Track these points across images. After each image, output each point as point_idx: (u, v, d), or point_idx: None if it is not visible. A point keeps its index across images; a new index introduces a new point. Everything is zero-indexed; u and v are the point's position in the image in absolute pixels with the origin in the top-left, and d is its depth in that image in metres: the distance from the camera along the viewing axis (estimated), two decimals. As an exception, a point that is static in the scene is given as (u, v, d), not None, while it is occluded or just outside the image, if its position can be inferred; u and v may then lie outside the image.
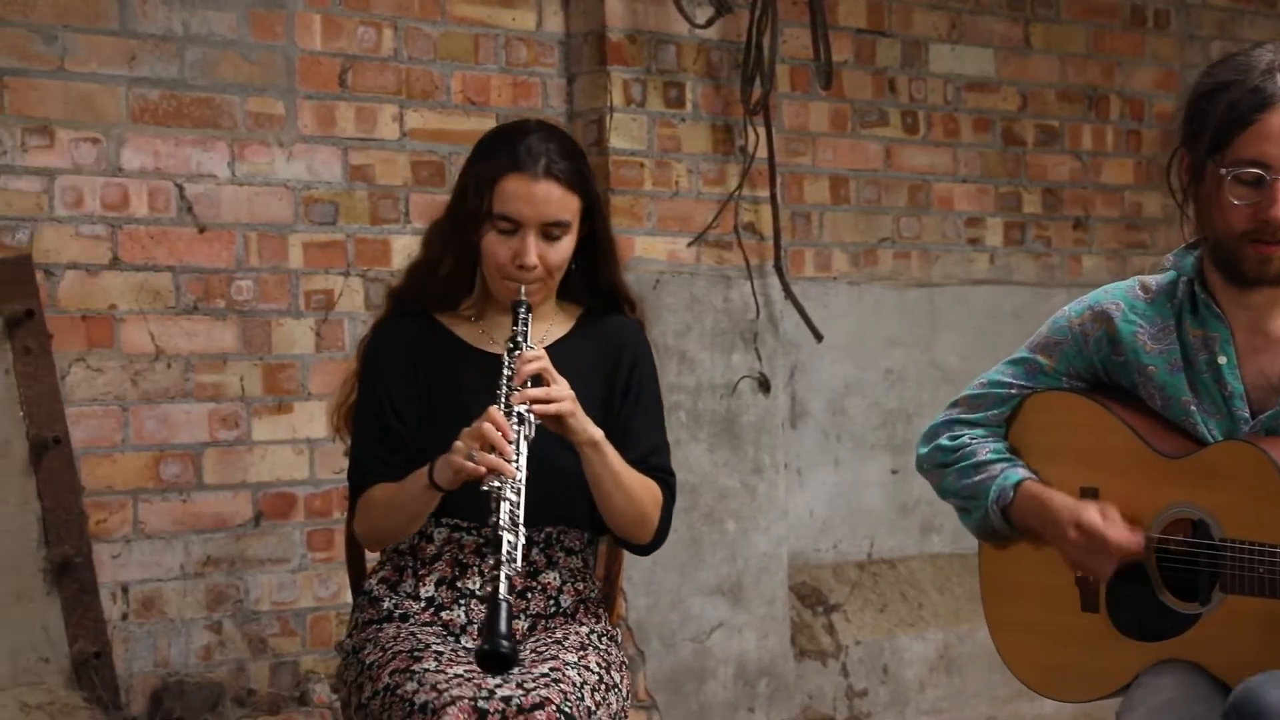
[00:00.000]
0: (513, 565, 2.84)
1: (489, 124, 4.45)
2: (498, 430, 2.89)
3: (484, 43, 4.82)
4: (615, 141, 4.87)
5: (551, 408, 2.97)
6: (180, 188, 4.33)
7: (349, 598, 3.37)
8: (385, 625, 3.12)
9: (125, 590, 4.22)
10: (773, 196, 5.13)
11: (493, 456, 2.88)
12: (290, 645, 4.45)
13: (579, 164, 3.15)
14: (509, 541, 2.85)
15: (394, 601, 3.14)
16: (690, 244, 5.00)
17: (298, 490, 4.47)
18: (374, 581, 3.20)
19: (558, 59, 4.94)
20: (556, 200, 3.09)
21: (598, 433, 3.03)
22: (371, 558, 3.37)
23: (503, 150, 3.12)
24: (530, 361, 2.98)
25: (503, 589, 2.80)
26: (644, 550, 3.20)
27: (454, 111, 4.70)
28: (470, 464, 2.89)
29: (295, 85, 4.50)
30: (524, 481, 2.90)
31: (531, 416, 2.96)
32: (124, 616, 4.21)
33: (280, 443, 4.46)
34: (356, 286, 4.55)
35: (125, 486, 4.23)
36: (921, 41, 5.68)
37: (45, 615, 4.04)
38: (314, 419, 4.44)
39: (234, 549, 4.38)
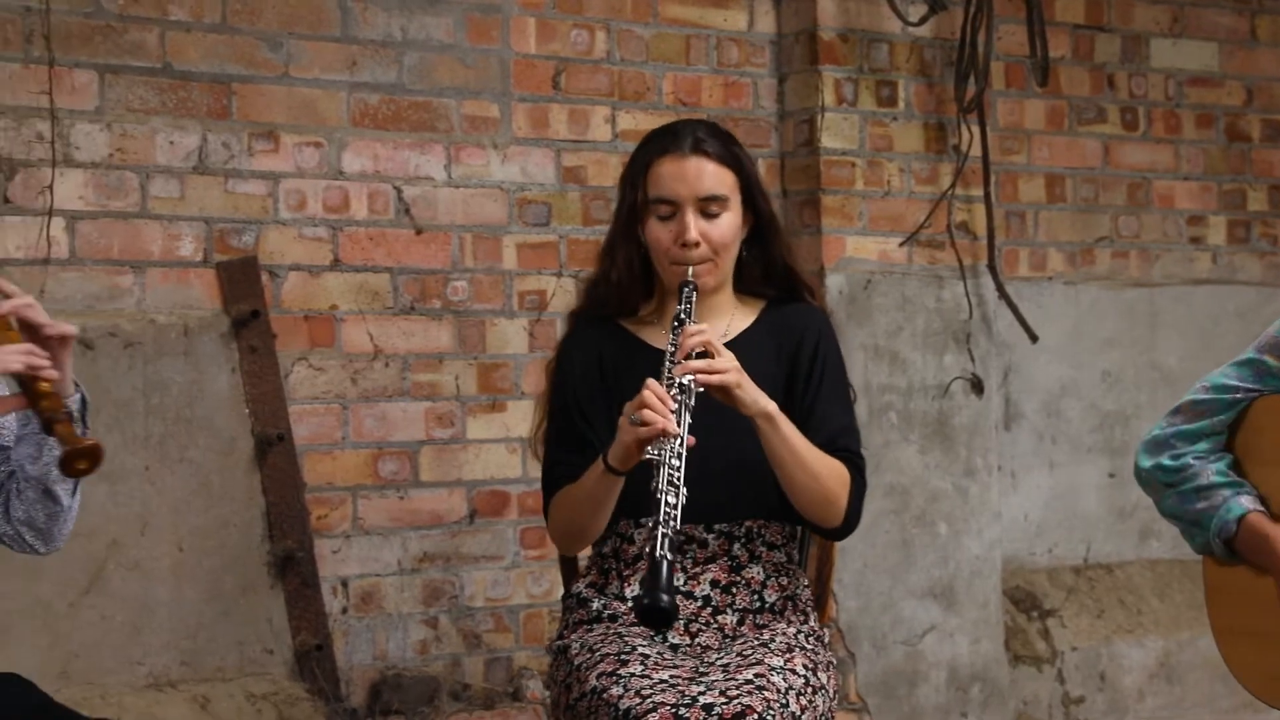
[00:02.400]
0: (670, 525, 2.83)
1: (700, 125, 4.46)
2: (654, 395, 2.89)
3: (695, 43, 4.83)
4: (826, 141, 4.85)
5: (715, 378, 2.95)
6: (398, 190, 4.41)
7: (560, 596, 3.40)
8: (594, 626, 3.14)
9: (345, 584, 4.31)
10: (986, 195, 5.06)
11: (648, 413, 2.87)
12: (504, 641, 4.51)
13: (729, 143, 3.16)
14: (668, 503, 2.84)
15: (602, 602, 3.17)
16: (902, 244, 4.96)
17: (511, 488, 4.53)
18: (582, 584, 3.23)
19: (769, 59, 4.93)
20: (710, 174, 3.10)
21: (770, 405, 3.00)
22: (582, 556, 3.40)
23: (652, 142, 3.16)
24: (692, 335, 2.98)
25: (660, 547, 2.79)
26: (835, 535, 3.16)
27: (665, 112, 4.72)
28: (630, 427, 2.89)
29: (510, 88, 4.56)
30: (685, 446, 2.89)
31: (694, 385, 2.94)
32: (344, 610, 4.30)
33: (494, 441, 4.52)
34: (569, 287, 4.60)
35: (345, 483, 4.32)
36: (1142, 36, 5.56)
37: (269, 608, 4.14)
38: (527, 418, 4.48)
39: (449, 545, 4.45)
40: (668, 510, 2.83)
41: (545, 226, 4.62)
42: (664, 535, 2.81)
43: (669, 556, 2.80)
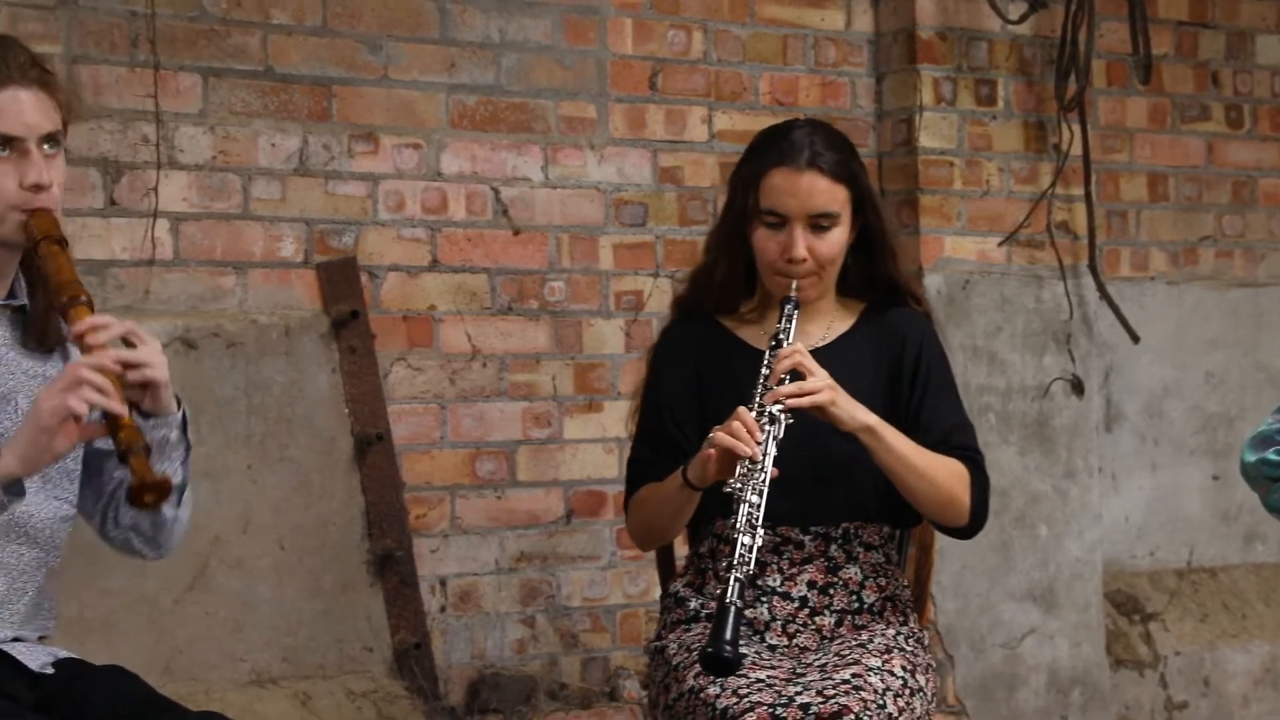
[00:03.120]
0: (745, 569, 2.81)
1: (798, 124, 4.45)
2: (744, 426, 2.87)
3: (792, 43, 4.82)
4: (924, 141, 4.82)
5: (806, 400, 2.94)
6: (496, 191, 4.43)
7: (657, 595, 3.40)
8: (691, 625, 3.14)
9: (443, 583, 4.34)
10: (1087, 195, 5.01)
11: (729, 438, 2.86)
12: (601, 641, 4.52)
13: (846, 156, 3.12)
14: (743, 544, 2.82)
15: (700, 602, 3.16)
16: (1001, 244, 4.92)
17: (607, 488, 4.54)
18: (680, 584, 3.23)
19: (866, 58, 4.91)
20: (822, 191, 3.07)
21: (869, 418, 2.98)
22: (680, 556, 3.40)
23: (768, 147, 3.13)
24: (785, 358, 2.96)
25: (731, 593, 2.78)
26: (965, 533, 3.13)
27: (762, 113, 4.71)
28: (710, 450, 2.88)
29: (607, 89, 4.57)
30: (767, 483, 2.87)
31: (783, 416, 2.93)
32: (442, 609, 4.32)
33: (591, 441, 4.53)
34: (665, 287, 4.60)
35: (443, 482, 4.35)
36: (1247, 33, 5.48)
37: (369, 606, 4.18)
38: (623, 418, 4.47)
39: (546, 545, 4.47)
40: (743, 554, 2.82)
41: (641, 227, 4.62)
42: (736, 581, 2.79)
43: (739, 604, 2.78)
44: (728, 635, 2.75)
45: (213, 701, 3.83)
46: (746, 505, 2.84)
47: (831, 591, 3.12)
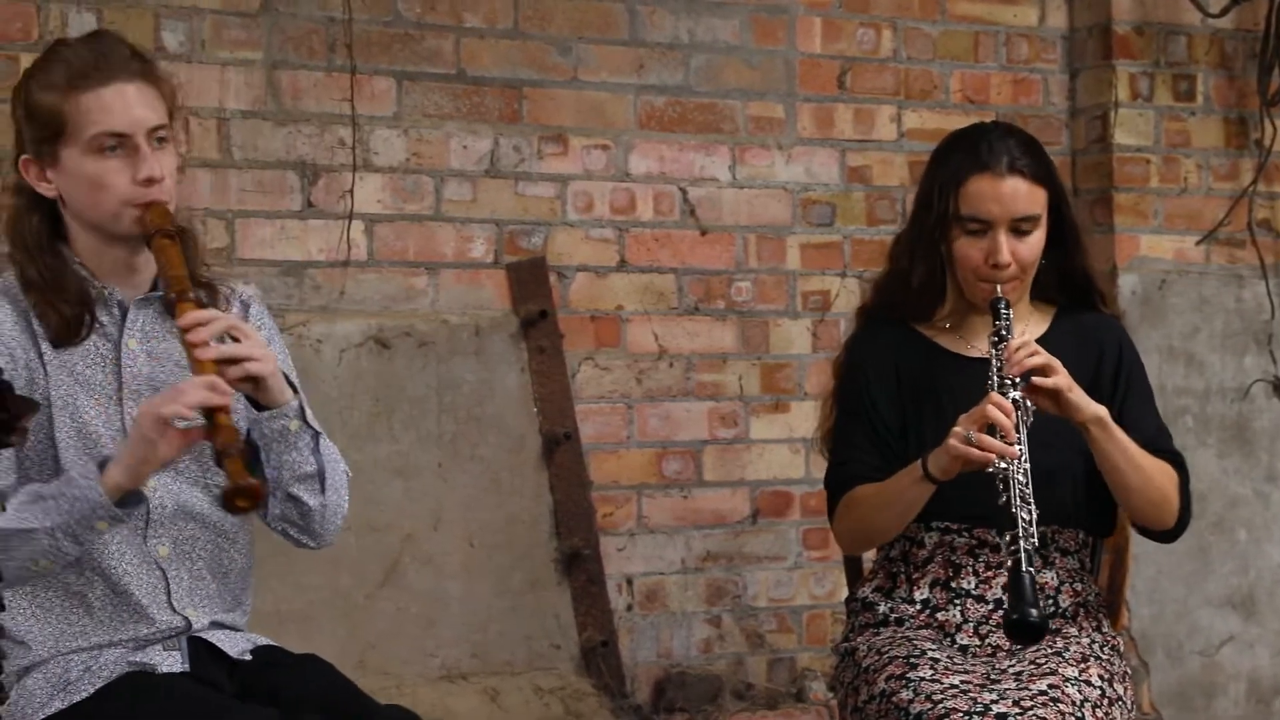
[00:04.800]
0: (1030, 540, 2.80)
1: (989, 122, 4.40)
2: (1000, 413, 2.85)
3: (984, 40, 4.76)
4: (1120, 138, 4.74)
5: (1049, 381, 2.91)
6: (684, 191, 4.44)
7: (844, 596, 3.38)
8: (881, 629, 3.12)
9: (630, 582, 4.36)
10: (1290, 192, 4.89)
11: (994, 440, 2.84)
12: (787, 642, 4.51)
13: (1041, 157, 3.10)
14: (1023, 518, 2.81)
15: (889, 605, 3.14)
16: (1199, 242, 4.82)
17: (794, 489, 4.52)
18: (869, 588, 3.20)
19: (1060, 54, 4.84)
20: (1024, 195, 3.04)
21: (1100, 409, 2.95)
22: (866, 558, 3.37)
23: (964, 152, 3.09)
24: (1020, 349, 2.93)
25: (1024, 561, 2.77)
26: (1169, 536, 3.09)
27: (952, 111, 4.66)
28: (973, 449, 2.85)
29: (795, 89, 4.55)
30: (1028, 464, 2.85)
31: (1028, 403, 2.91)
32: (628, 608, 4.35)
33: (777, 441, 4.52)
34: (852, 287, 4.57)
35: (630, 482, 4.37)
36: None
37: (556, 604, 4.21)
38: (810, 419, 4.46)
39: (732, 545, 4.47)
40: (1025, 525, 2.82)
41: (829, 227, 4.60)
42: (1025, 550, 2.79)
43: (1031, 571, 2.79)
44: (1029, 597, 2.75)
45: (404, 696, 3.89)
46: (1015, 483, 2.83)
47: (1028, 596, 3.08)
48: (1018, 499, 2.84)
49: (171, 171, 2.59)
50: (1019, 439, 2.86)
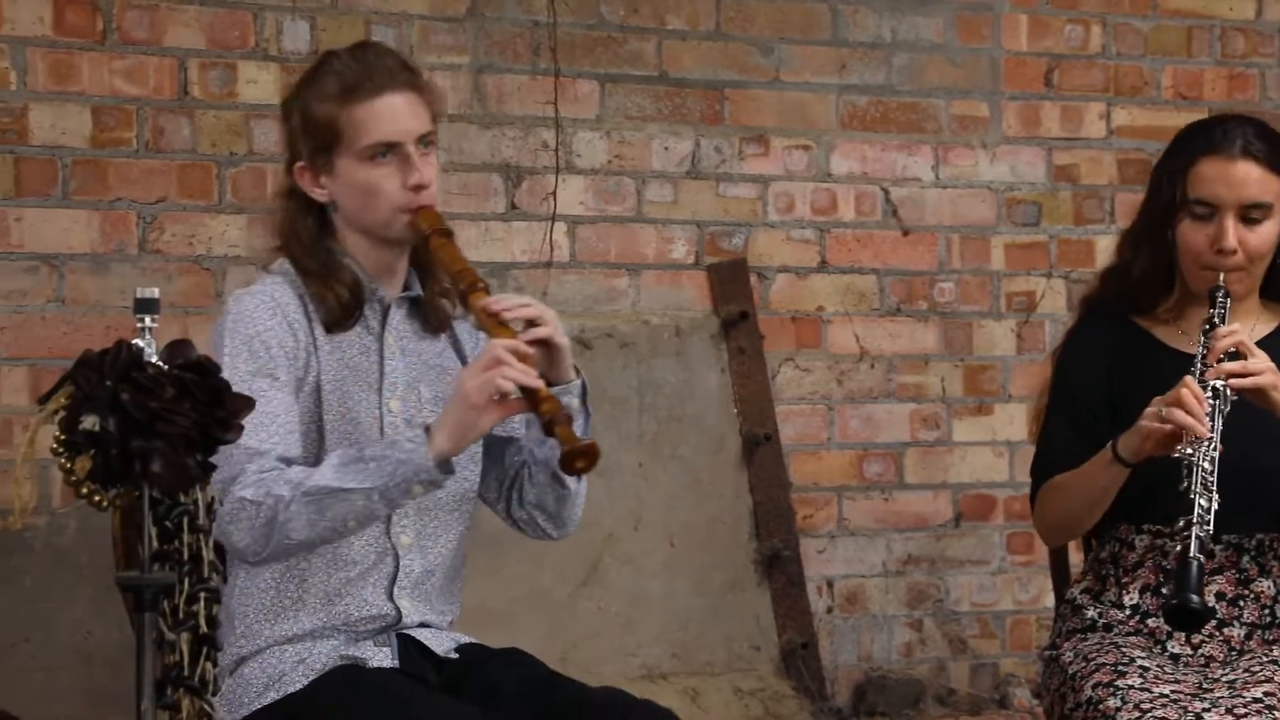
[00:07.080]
0: (1204, 527, 2.73)
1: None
2: (1190, 395, 2.78)
3: (1197, 35, 4.65)
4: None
5: (1249, 380, 2.83)
6: (885, 192, 4.41)
7: (1049, 602, 3.34)
8: (1089, 635, 3.07)
9: (830, 584, 4.34)
10: None
11: (1181, 414, 2.77)
12: (990, 647, 4.45)
13: (1277, 146, 3.00)
14: (1200, 505, 2.74)
15: (1098, 610, 3.08)
16: None
17: (997, 492, 4.47)
18: (1077, 591, 3.15)
19: (1278, 48, 4.71)
20: (1255, 180, 2.96)
21: None
22: (1076, 561, 3.32)
23: (1196, 136, 3.03)
24: (1224, 336, 2.86)
25: (1193, 548, 2.70)
26: None
27: (1164, 107, 4.57)
28: (1157, 423, 2.79)
29: (1000, 87, 4.50)
30: (1217, 451, 2.78)
31: (1227, 391, 2.83)
32: (828, 610, 4.33)
33: (980, 444, 4.47)
34: (1059, 288, 4.50)
35: (830, 483, 4.35)
36: None
37: (756, 605, 4.21)
38: (1014, 421, 4.42)
39: (934, 549, 4.43)
40: (1201, 512, 2.75)
41: (1035, 226, 4.53)
42: (1197, 537, 2.73)
43: (1200, 559, 2.72)
44: (1193, 584, 2.69)
45: (605, 694, 3.92)
46: (1199, 470, 2.77)
47: (1241, 604, 3.00)
48: (1198, 485, 2.76)
49: (435, 177, 2.68)
50: (1211, 425, 2.79)
